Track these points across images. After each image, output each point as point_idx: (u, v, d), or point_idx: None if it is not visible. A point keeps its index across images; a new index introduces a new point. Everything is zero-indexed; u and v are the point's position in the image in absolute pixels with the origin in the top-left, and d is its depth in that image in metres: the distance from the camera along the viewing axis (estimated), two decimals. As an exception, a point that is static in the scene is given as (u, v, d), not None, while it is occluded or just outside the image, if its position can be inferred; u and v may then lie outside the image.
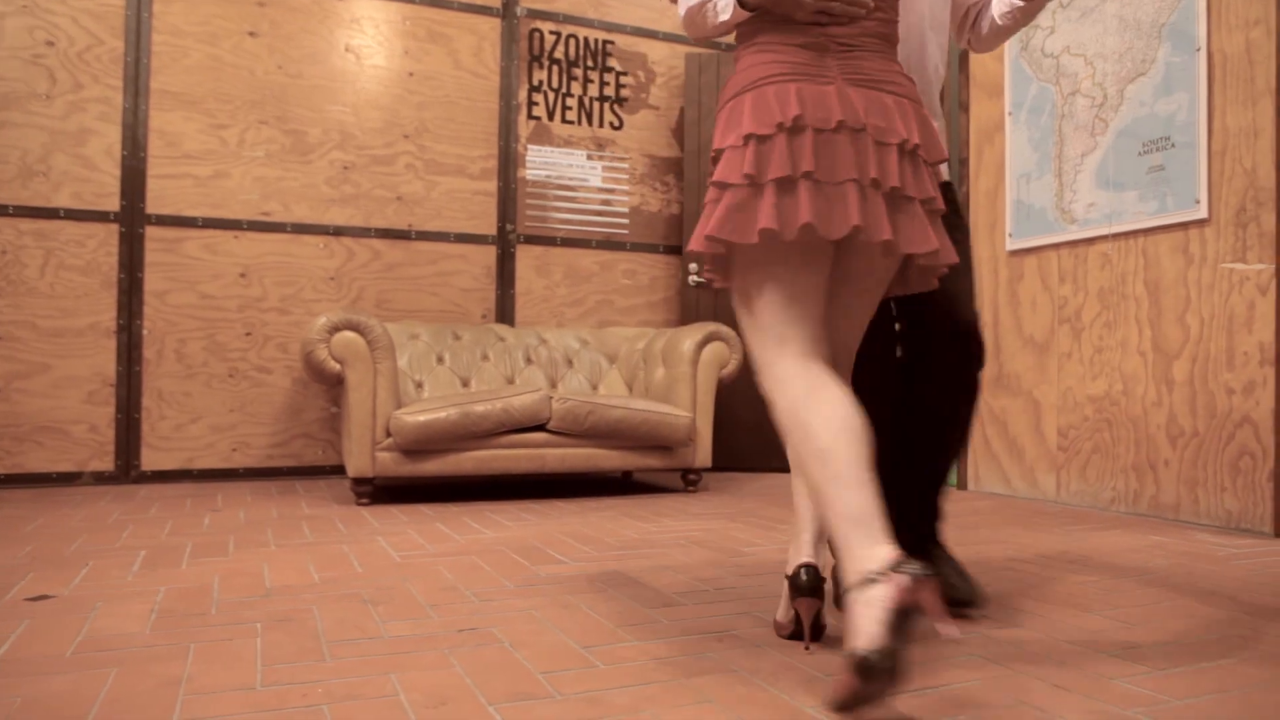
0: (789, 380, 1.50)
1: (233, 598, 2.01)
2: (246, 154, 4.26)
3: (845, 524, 1.32)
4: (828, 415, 1.41)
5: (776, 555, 2.56)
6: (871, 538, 1.29)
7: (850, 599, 1.25)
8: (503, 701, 1.37)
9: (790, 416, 1.47)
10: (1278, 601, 2.06)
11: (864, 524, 1.31)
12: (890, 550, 1.27)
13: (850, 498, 1.33)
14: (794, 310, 1.55)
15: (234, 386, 4.22)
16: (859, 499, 1.33)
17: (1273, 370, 2.94)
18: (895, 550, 1.27)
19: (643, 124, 5.04)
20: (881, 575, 1.23)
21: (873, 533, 1.30)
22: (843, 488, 1.34)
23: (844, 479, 1.35)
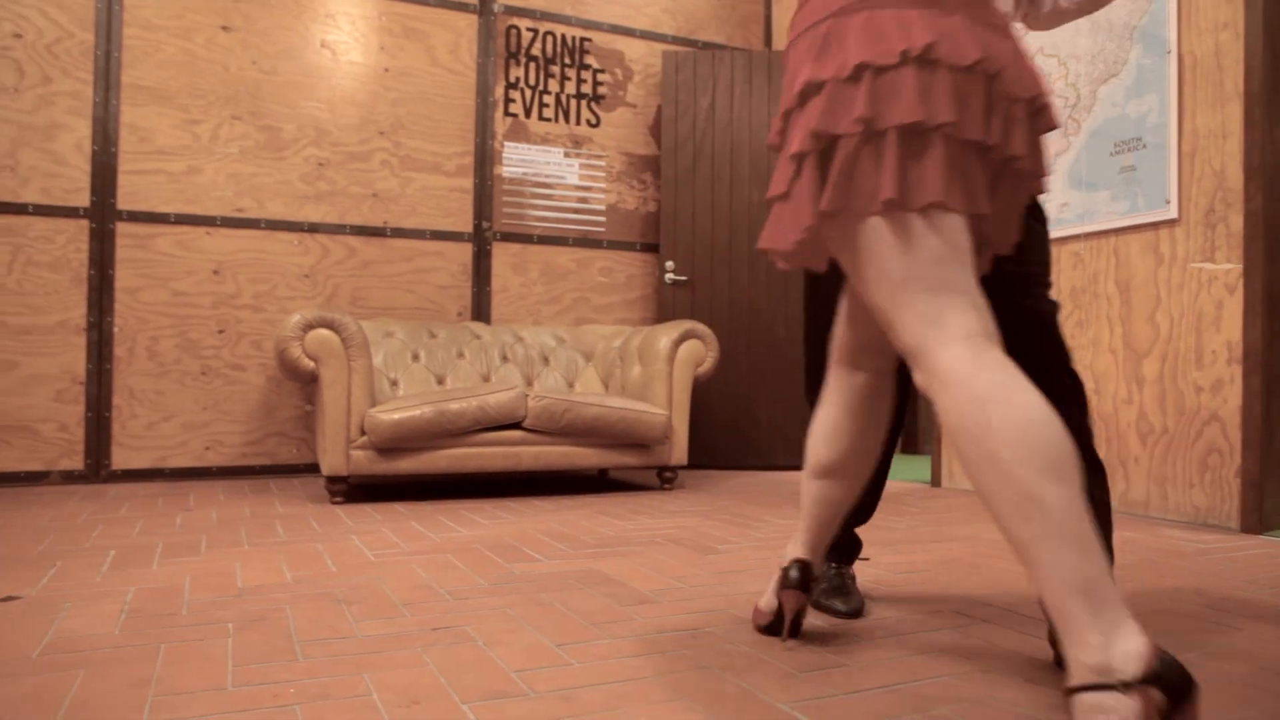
0: (960, 377, 1.12)
1: (204, 598, 1.99)
2: (220, 150, 4.22)
3: (1068, 595, 0.99)
4: (1032, 441, 1.04)
5: (751, 553, 2.57)
6: (1107, 617, 0.98)
7: (1075, 700, 0.97)
8: (476, 700, 1.37)
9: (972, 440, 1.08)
10: (1244, 595, 2.09)
11: (1095, 596, 0.98)
12: (1140, 642, 0.96)
13: (1074, 561, 1.00)
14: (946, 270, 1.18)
15: (207, 384, 4.19)
16: (1086, 561, 0.99)
17: (1240, 369, 2.98)
18: (1146, 641, 0.97)
19: (620, 122, 5.04)
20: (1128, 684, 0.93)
21: (1108, 609, 0.98)
22: (1063, 546, 1.00)
23: (1064, 534, 1.00)
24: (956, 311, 1.16)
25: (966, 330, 1.15)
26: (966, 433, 1.08)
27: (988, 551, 2.62)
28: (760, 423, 4.82)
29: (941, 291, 1.17)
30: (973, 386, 1.08)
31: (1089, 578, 0.99)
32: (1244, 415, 2.97)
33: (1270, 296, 2.94)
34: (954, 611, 1.94)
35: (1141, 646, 0.95)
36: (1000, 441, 1.04)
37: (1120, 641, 0.95)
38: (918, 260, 1.17)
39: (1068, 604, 0.98)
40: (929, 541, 2.78)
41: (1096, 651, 0.95)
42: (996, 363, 1.11)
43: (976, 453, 1.06)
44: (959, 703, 1.38)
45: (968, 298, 1.18)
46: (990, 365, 1.10)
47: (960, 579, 2.26)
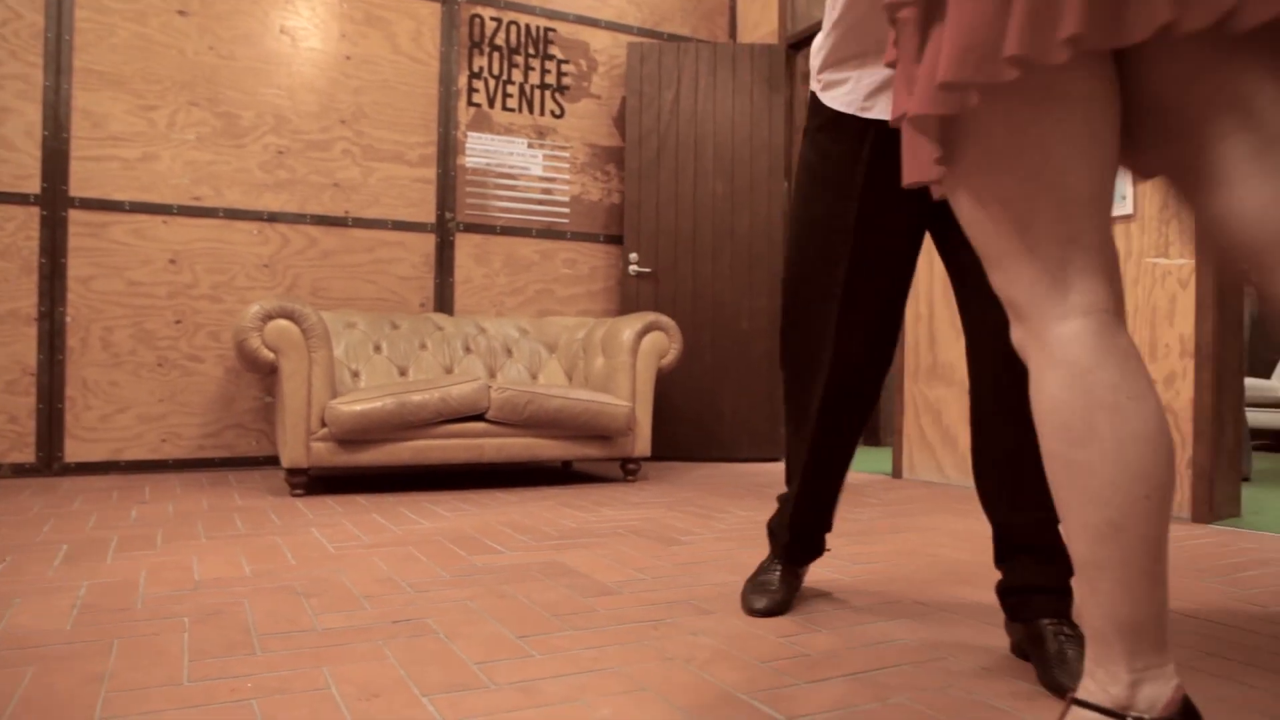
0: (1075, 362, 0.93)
1: (160, 592, 1.96)
2: (176, 136, 4.14)
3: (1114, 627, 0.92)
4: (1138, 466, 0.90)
5: (714, 544, 2.58)
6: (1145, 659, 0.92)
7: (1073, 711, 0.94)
8: (436, 692, 1.36)
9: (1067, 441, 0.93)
10: (1193, 583, 2.14)
11: (1143, 636, 0.91)
12: (1169, 689, 0.91)
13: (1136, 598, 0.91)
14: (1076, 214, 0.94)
15: (163, 376, 4.12)
16: (1148, 601, 0.91)
17: (1192, 362, 3.04)
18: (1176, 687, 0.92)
19: (584, 113, 5.02)
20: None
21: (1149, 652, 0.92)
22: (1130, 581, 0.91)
23: (1136, 570, 0.90)
24: (1086, 276, 0.95)
25: (1094, 303, 0.94)
26: (1064, 430, 0.93)
27: (947, 542, 2.65)
28: (724, 415, 4.84)
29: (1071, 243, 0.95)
30: (1089, 380, 0.91)
31: (1143, 618, 0.91)
32: (1196, 408, 3.03)
33: (1221, 291, 3.00)
34: (913, 601, 1.97)
35: (1169, 694, 0.90)
36: (1102, 456, 0.90)
37: (1149, 686, 0.90)
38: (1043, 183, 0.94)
39: (1110, 634, 0.92)
40: (889, 532, 2.81)
41: (1122, 686, 0.91)
42: (1122, 355, 0.92)
43: (1068, 456, 0.93)
44: (917, 691, 1.40)
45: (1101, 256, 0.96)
46: (1115, 358, 0.92)
47: (920, 569, 2.28)
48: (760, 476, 4.21)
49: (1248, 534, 2.83)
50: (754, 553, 2.46)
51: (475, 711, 1.29)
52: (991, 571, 2.26)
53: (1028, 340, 0.99)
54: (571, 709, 1.30)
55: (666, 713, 1.29)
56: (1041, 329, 0.96)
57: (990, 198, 0.97)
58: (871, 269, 1.75)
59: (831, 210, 1.75)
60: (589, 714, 1.29)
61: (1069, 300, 0.95)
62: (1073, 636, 1.46)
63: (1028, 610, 1.53)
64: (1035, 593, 1.53)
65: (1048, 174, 0.94)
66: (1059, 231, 0.95)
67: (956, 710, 1.32)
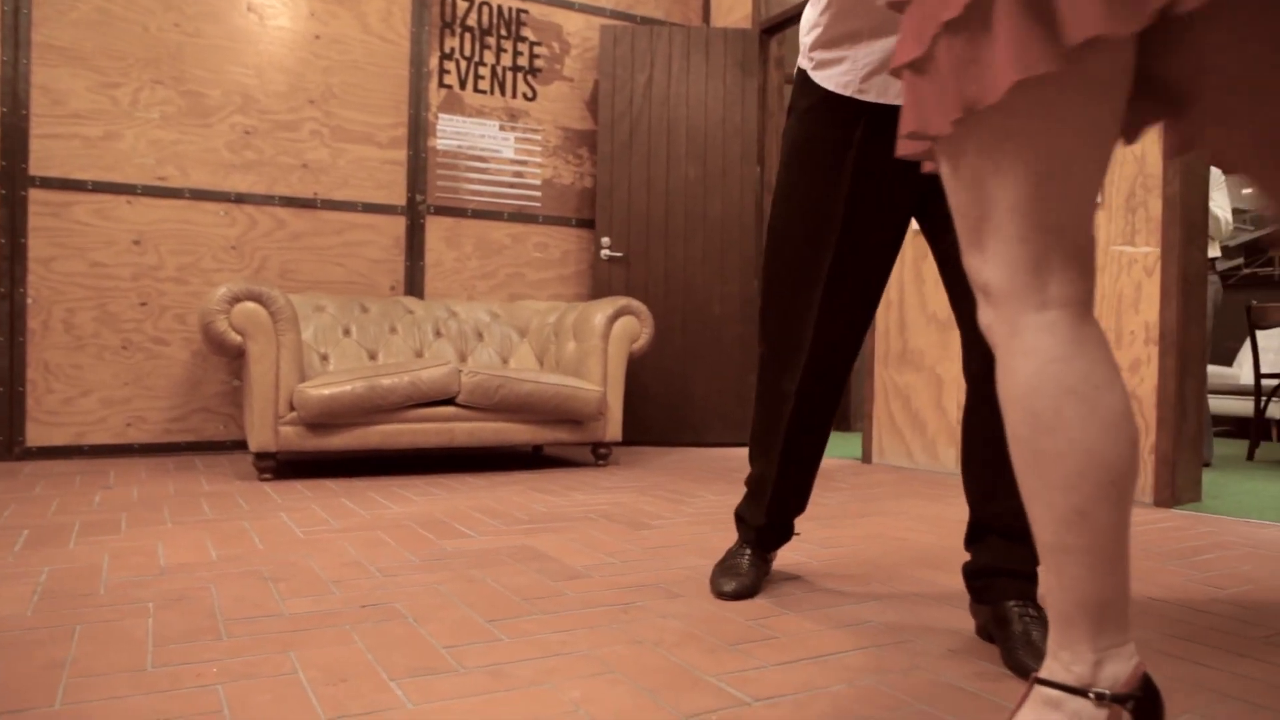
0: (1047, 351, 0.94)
1: (124, 577, 1.94)
2: (140, 115, 4.07)
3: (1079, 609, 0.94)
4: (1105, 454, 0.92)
5: (684, 528, 2.59)
6: (1109, 638, 0.94)
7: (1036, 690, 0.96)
8: (404, 677, 1.36)
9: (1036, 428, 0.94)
10: (1154, 566, 2.17)
11: (1107, 617, 0.93)
12: (1131, 666, 0.93)
13: (1101, 582, 0.93)
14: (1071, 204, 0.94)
15: (128, 359, 4.06)
16: (1113, 584, 0.93)
17: (1156, 349, 3.09)
18: (1137, 665, 0.94)
19: (556, 95, 4.99)
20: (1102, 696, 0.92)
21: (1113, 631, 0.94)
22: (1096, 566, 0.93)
23: (1102, 555, 0.92)
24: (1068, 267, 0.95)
25: (1072, 295, 0.95)
26: (1033, 417, 0.94)
27: (915, 526, 2.68)
28: (695, 399, 4.85)
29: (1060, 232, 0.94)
30: (1059, 369, 0.92)
31: (1107, 599, 0.93)
32: (1159, 394, 3.08)
33: (1185, 279, 3.04)
34: (881, 584, 1.98)
35: (1129, 671, 0.93)
36: (1070, 444, 0.92)
37: (1111, 664, 0.93)
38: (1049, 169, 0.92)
39: (1076, 616, 0.94)
40: (858, 517, 2.83)
41: (1086, 665, 0.93)
42: (1092, 344, 0.93)
43: (1036, 443, 0.94)
44: (884, 673, 1.42)
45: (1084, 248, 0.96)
46: (1086, 348, 0.93)
47: (887, 553, 2.31)
48: (731, 461, 4.23)
49: (1208, 518, 2.88)
50: (724, 537, 2.47)
51: (443, 695, 1.29)
52: (958, 555, 2.29)
53: (997, 325, 0.98)
54: (540, 692, 1.31)
55: (635, 695, 1.30)
56: (1015, 315, 0.96)
57: (991, 177, 0.95)
58: (857, 255, 1.73)
59: (818, 195, 1.73)
60: (558, 697, 1.29)
61: (1048, 290, 0.95)
62: (1037, 619, 1.48)
63: (993, 593, 1.55)
64: (1002, 576, 1.55)
65: (1056, 160, 0.92)
66: (1051, 220, 0.94)
67: (922, 692, 1.34)
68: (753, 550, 1.93)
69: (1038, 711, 0.95)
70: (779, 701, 1.29)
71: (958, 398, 3.83)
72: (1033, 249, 0.95)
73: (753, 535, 1.93)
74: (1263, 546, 2.45)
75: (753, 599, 1.84)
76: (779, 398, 1.84)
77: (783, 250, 1.80)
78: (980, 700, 1.31)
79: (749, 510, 1.94)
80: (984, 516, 1.60)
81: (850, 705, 1.28)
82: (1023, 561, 1.55)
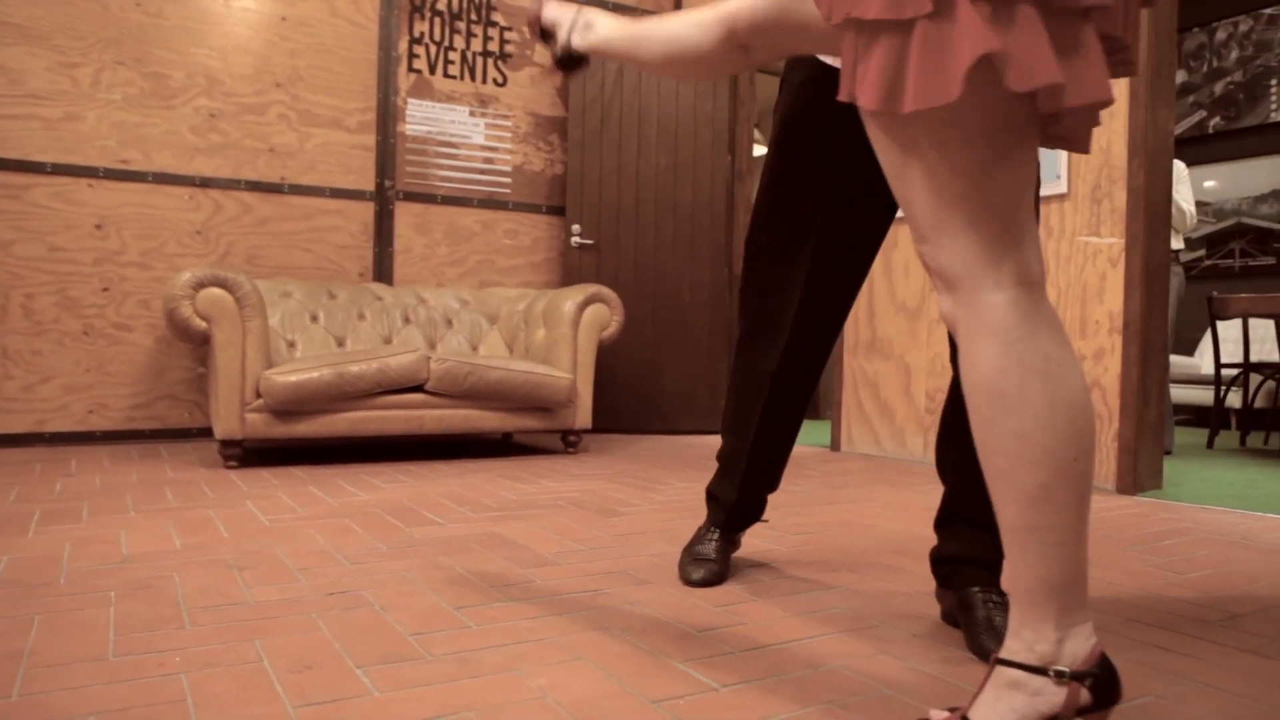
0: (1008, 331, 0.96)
1: (85, 566, 1.91)
2: (102, 96, 3.99)
3: (1042, 588, 0.96)
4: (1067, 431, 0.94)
5: (653, 515, 2.59)
6: (1071, 617, 0.96)
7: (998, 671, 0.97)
8: (371, 664, 1.35)
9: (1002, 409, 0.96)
10: (1116, 551, 2.21)
11: (1068, 596, 0.96)
12: (1091, 644, 0.95)
13: (1062, 560, 0.95)
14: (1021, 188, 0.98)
15: (90, 345, 3.99)
16: (1073, 562, 0.95)
17: (1120, 338, 3.13)
18: (1096, 644, 0.96)
19: (527, 81, 4.95)
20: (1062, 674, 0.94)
21: (1074, 611, 0.96)
22: (1058, 544, 0.95)
23: (1064, 533, 0.95)
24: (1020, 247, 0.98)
25: (1027, 274, 0.97)
26: (999, 397, 0.95)
27: (883, 513, 2.70)
28: (664, 387, 4.86)
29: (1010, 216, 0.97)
30: (1023, 349, 0.95)
31: (1070, 576, 0.95)
32: (1122, 382, 3.12)
33: (1149, 269, 3.08)
34: (848, 571, 2.00)
35: (1089, 650, 0.95)
36: (1035, 422, 0.94)
37: (1071, 642, 0.95)
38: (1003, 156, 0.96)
39: (1040, 594, 0.96)
40: (826, 504, 2.85)
41: (1049, 644, 0.95)
42: (1051, 325, 0.96)
43: (1001, 422, 0.95)
44: (849, 658, 1.43)
45: (1031, 229, 1.00)
46: (1046, 328, 0.96)
47: (855, 539, 2.32)
48: (701, 449, 4.24)
49: (1168, 505, 2.94)
50: (693, 524, 2.47)
51: (410, 682, 1.28)
52: (925, 542, 2.31)
53: (958, 311, 0.99)
54: (508, 679, 1.30)
55: (603, 682, 1.30)
56: (974, 299, 0.98)
57: (944, 166, 0.97)
58: (844, 237, 1.71)
59: (809, 173, 1.69)
60: (525, 684, 1.29)
61: (1003, 270, 0.96)
62: (1000, 604, 1.50)
63: (959, 579, 1.56)
64: (967, 563, 1.56)
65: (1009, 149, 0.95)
66: (1001, 205, 0.96)
67: (887, 676, 1.35)
68: (721, 533, 1.93)
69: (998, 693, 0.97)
70: (746, 687, 1.29)
71: (926, 386, 3.86)
72: (984, 233, 0.96)
73: (723, 515, 1.92)
74: (1220, 533, 2.49)
75: (721, 585, 1.85)
76: (757, 377, 1.81)
77: (769, 227, 1.77)
78: (944, 684, 1.32)
79: (721, 486, 1.93)
80: (959, 504, 1.60)
81: (816, 690, 1.29)
82: (989, 549, 1.56)
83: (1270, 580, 1.97)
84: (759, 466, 1.87)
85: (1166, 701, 1.27)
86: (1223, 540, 2.39)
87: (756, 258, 1.80)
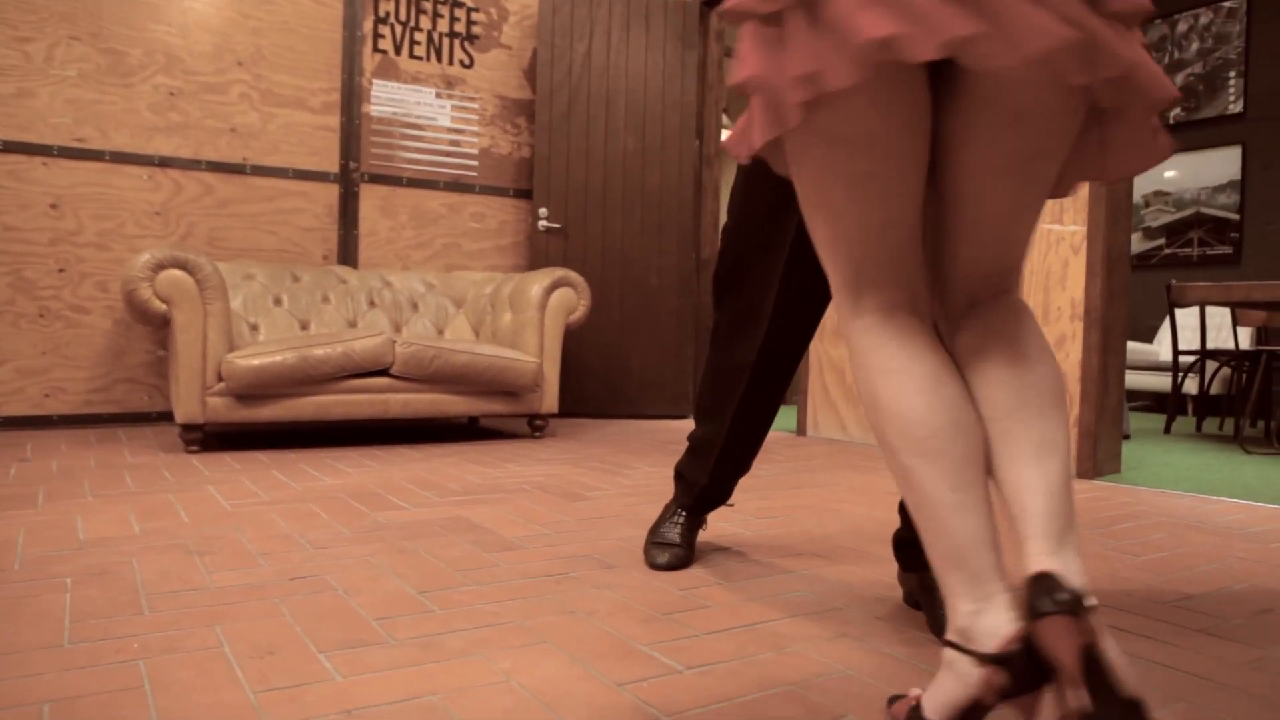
0: (862, 349, 1.07)
1: (40, 552, 1.87)
2: (56, 72, 3.90)
3: (941, 563, 1.00)
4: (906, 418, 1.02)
5: (619, 500, 2.60)
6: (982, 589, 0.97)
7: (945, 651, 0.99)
8: (334, 649, 1.34)
9: (867, 412, 1.07)
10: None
11: (970, 567, 0.98)
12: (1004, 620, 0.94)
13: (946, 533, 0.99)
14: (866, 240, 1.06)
15: (45, 327, 3.91)
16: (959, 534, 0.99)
17: (1081, 324, 3.17)
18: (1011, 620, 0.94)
19: (494, 63, 4.91)
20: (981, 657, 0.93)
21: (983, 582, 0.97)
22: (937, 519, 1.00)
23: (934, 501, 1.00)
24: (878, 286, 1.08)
25: (885, 302, 1.07)
26: (868, 400, 1.06)
27: (848, 497, 2.73)
28: (632, 372, 4.86)
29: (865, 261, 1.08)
30: (871, 359, 1.05)
31: (962, 547, 0.98)
32: (1083, 369, 3.17)
33: (1109, 257, 3.13)
34: (812, 554, 2.02)
35: (1004, 626, 0.93)
36: (886, 417, 1.03)
37: (988, 616, 0.95)
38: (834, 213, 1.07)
39: (943, 571, 0.99)
40: (792, 488, 2.87)
41: (965, 618, 0.96)
42: (900, 331, 1.05)
43: (870, 421, 1.06)
44: (812, 641, 1.44)
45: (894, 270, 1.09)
46: (894, 336, 1.05)
47: (819, 523, 2.34)
48: (667, 433, 4.25)
49: (1127, 489, 2.99)
50: (659, 508, 2.48)
51: (374, 667, 1.28)
52: (888, 526, 2.33)
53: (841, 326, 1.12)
54: (472, 663, 1.30)
55: (567, 665, 1.30)
56: (844, 324, 1.11)
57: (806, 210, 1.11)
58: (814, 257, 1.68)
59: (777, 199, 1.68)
60: (490, 667, 1.28)
61: (861, 303, 1.08)
62: None
63: (920, 561, 1.58)
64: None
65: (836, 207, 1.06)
66: (857, 249, 1.07)
67: (849, 658, 1.36)
68: (687, 516, 1.93)
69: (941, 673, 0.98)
70: (711, 669, 1.30)
71: (890, 372, 3.89)
72: (845, 274, 1.09)
73: (690, 497, 1.92)
74: (1175, 516, 2.54)
75: (686, 569, 1.86)
76: (734, 368, 1.80)
77: (749, 217, 1.74)
78: (904, 664, 1.34)
79: (690, 468, 1.92)
80: None
81: (780, 672, 1.30)
82: None
83: (1222, 562, 2.01)
84: (732, 452, 1.86)
85: (1121, 680, 1.29)
86: (1178, 523, 2.44)
87: (734, 248, 1.77)
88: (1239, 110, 6.16)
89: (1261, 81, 6.07)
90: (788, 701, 1.19)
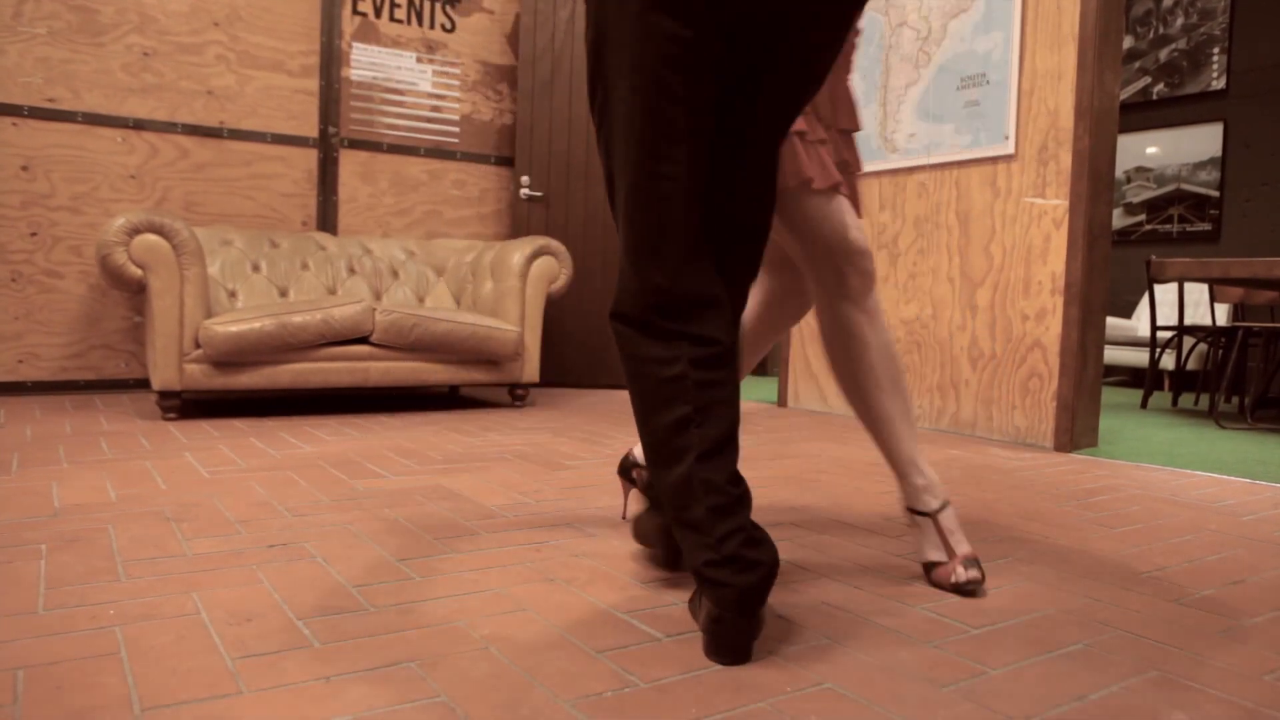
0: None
1: (14, 518, 1.85)
2: (24, 30, 3.81)
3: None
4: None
5: (599, 469, 2.59)
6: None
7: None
8: (312, 616, 1.34)
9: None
10: (1049, 506, 2.27)
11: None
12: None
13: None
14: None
15: (18, 292, 3.85)
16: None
17: (1061, 299, 3.18)
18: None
19: (476, 28, 4.84)
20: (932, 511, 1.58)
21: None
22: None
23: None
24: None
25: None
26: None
27: (825, 467, 2.74)
28: (613, 341, 4.84)
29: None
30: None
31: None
32: (1063, 343, 3.18)
33: (1091, 232, 3.13)
34: (791, 524, 2.02)
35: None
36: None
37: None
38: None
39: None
40: (772, 459, 2.88)
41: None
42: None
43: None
44: (791, 608, 1.45)
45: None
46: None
47: (799, 493, 2.35)
48: (649, 404, 4.24)
49: (1103, 462, 3.02)
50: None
51: (352, 634, 1.27)
52: (868, 496, 2.34)
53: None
54: (451, 630, 1.30)
55: (546, 632, 1.30)
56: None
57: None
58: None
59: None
60: (469, 634, 1.28)
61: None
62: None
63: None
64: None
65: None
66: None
67: (828, 625, 1.37)
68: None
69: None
70: (689, 637, 1.31)
71: (871, 344, 3.90)
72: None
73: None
74: (1150, 488, 2.57)
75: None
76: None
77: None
78: (884, 631, 1.35)
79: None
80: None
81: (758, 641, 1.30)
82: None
83: (1195, 534, 2.04)
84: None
85: (1095, 650, 1.31)
86: (1152, 496, 2.46)
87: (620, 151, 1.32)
88: (1221, 87, 6.17)
89: (1244, 59, 6.07)
90: (766, 669, 1.20)
